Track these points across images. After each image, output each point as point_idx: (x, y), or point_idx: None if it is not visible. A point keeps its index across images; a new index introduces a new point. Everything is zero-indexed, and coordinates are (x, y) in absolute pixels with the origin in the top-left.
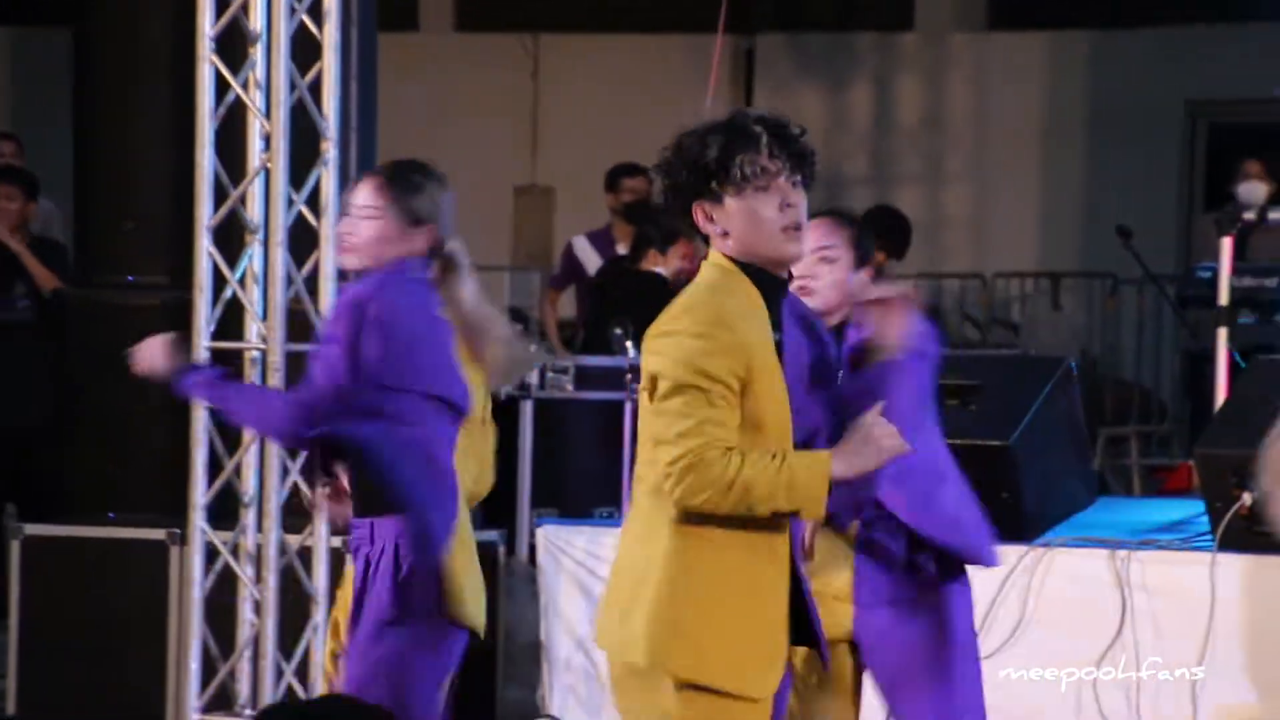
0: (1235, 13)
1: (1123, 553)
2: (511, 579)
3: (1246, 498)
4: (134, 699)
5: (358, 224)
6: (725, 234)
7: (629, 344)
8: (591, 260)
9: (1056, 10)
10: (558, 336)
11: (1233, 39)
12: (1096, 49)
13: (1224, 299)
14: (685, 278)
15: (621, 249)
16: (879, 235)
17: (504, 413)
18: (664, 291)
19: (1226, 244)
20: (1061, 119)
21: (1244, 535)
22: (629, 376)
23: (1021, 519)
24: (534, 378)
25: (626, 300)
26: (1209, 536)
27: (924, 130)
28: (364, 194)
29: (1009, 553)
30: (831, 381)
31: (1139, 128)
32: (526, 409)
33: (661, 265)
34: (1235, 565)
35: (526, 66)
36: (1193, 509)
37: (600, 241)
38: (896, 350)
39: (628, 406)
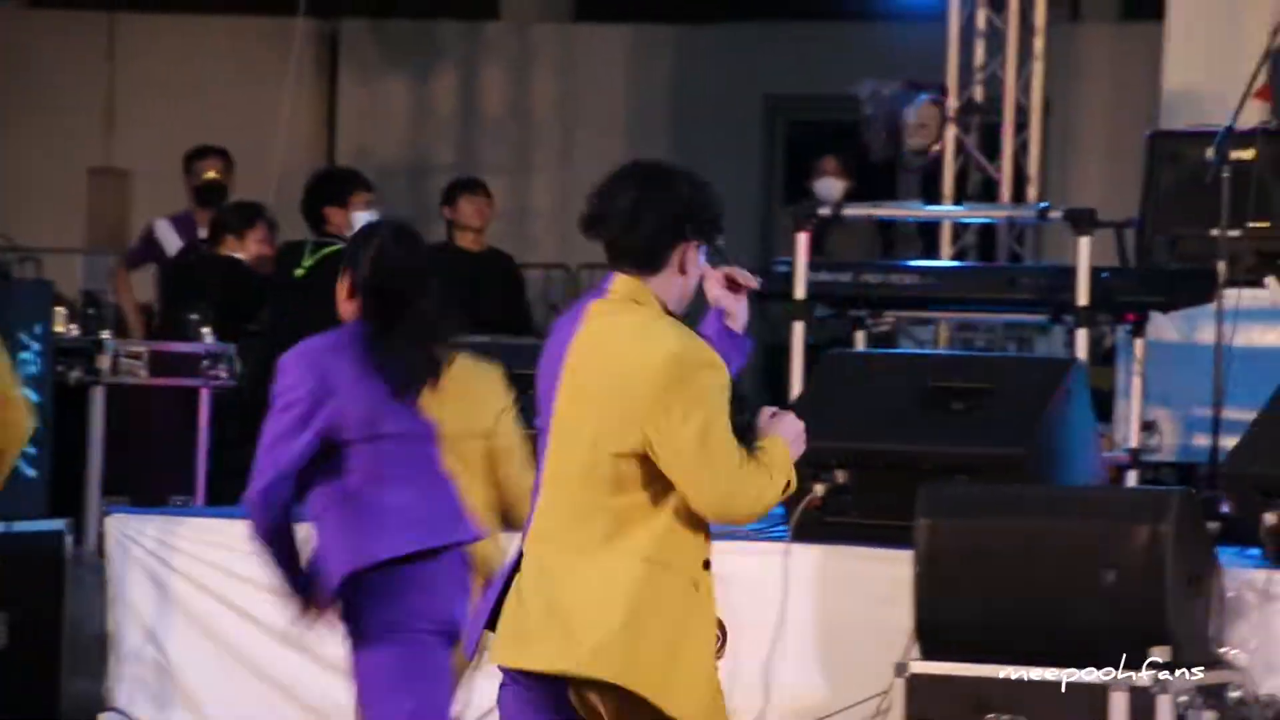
0: (811, 10)
1: None
2: (79, 569)
3: (819, 489)
4: None
5: None
6: (682, 273)
7: (205, 329)
8: (172, 243)
9: (640, 2)
10: (138, 316)
11: (809, 36)
12: (679, 42)
13: (800, 293)
14: (264, 262)
15: (203, 233)
16: None
17: (73, 398)
18: (242, 276)
19: (803, 239)
20: (646, 111)
21: (816, 526)
22: (205, 362)
23: None
24: (106, 363)
25: (204, 285)
26: (783, 528)
27: (510, 120)
28: None
29: None
30: None
31: (720, 122)
32: (97, 395)
33: (239, 250)
34: (807, 556)
35: (102, 46)
36: None
37: (182, 225)
38: None
39: (204, 393)
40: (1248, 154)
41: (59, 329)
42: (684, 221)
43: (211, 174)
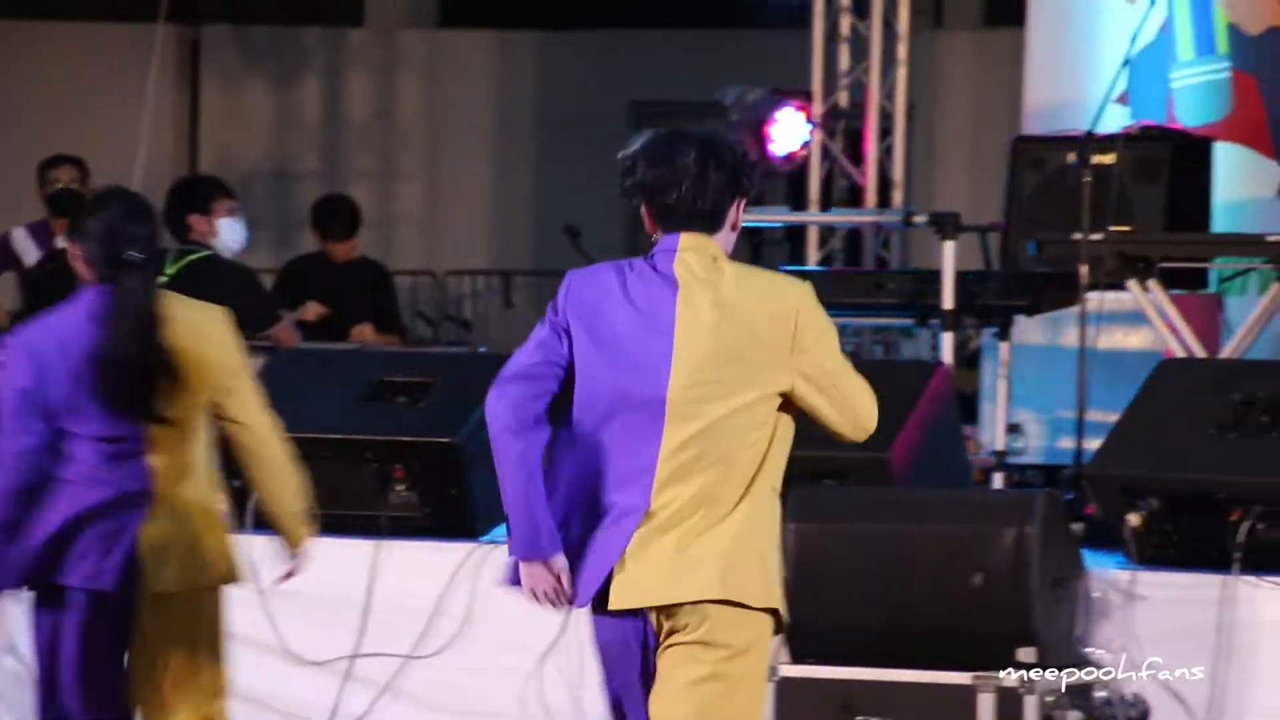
0: (676, 17)
1: None
2: None
3: None
4: None
5: None
6: (733, 229)
7: None
8: (30, 252)
9: (506, 9)
10: (4, 315)
11: (674, 43)
12: (544, 49)
13: None
14: None
15: (60, 241)
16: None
17: None
18: None
19: None
20: (512, 118)
21: None
22: None
23: (469, 516)
24: None
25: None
26: None
27: (376, 127)
28: None
29: (456, 550)
30: None
31: (585, 128)
32: None
33: None
34: None
35: None
36: None
37: (39, 233)
38: None
39: None
40: (1109, 158)
41: None
42: (739, 178)
43: (65, 182)
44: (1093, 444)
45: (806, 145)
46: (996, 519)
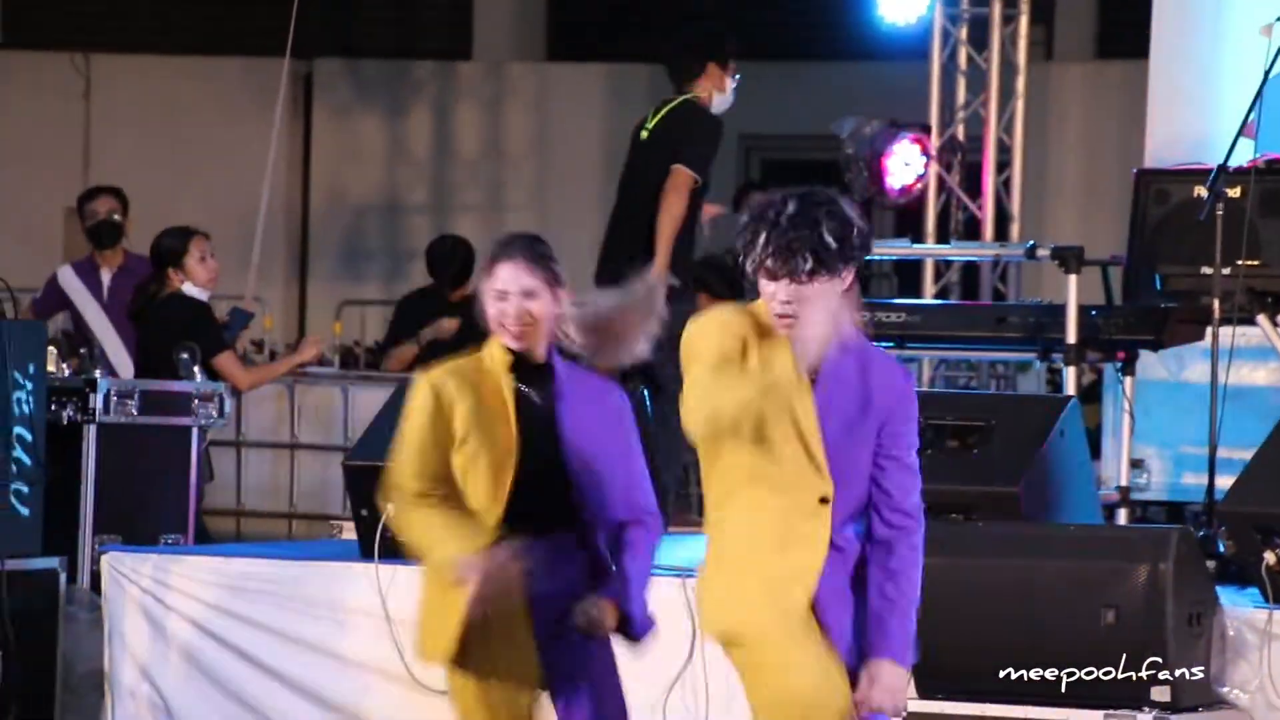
0: (786, 51)
1: (693, 580)
2: (72, 607)
3: None
4: None
5: None
6: None
7: (196, 368)
8: (75, 289)
9: (615, 42)
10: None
11: (784, 77)
12: (654, 81)
13: None
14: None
15: (105, 274)
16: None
17: (66, 437)
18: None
19: None
20: (620, 150)
21: None
22: (196, 401)
23: None
24: (99, 401)
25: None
26: None
27: (485, 159)
28: None
29: None
30: None
31: None
32: (90, 433)
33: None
34: None
35: (78, 86)
36: None
37: (83, 269)
38: None
39: (195, 432)
40: (1236, 191)
41: (49, 369)
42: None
43: (104, 214)
44: (1220, 481)
45: (923, 178)
46: (1130, 555)
